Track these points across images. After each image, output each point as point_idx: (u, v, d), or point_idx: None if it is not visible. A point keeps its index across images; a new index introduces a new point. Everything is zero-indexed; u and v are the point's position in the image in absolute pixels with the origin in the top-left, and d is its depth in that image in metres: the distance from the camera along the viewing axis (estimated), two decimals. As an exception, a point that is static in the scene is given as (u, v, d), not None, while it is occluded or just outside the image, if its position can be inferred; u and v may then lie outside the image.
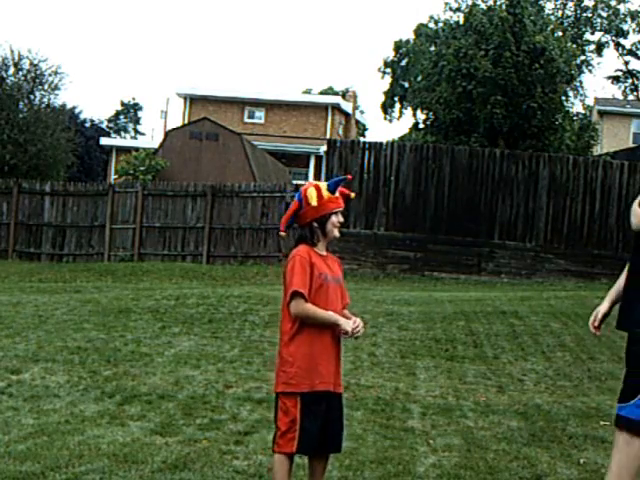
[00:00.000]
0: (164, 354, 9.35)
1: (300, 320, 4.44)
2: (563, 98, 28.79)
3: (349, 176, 4.81)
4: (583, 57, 44.68)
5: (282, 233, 4.68)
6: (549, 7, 44.29)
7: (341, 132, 41.44)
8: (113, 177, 35.61)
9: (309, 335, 4.45)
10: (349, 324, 4.45)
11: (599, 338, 11.17)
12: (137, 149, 32.39)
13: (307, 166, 37.93)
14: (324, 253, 4.59)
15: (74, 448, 5.65)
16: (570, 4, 47.76)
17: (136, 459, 5.45)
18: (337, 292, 4.58)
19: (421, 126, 33.40)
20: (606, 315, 4.74)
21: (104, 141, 41.40)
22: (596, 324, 4.73)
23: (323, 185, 4.63)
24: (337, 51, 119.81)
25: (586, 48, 46.89)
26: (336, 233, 4.60)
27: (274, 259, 21.65)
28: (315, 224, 4.55)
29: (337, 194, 4.62)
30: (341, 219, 4.61)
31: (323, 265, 4.52)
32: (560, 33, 32.79)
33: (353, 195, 4.91)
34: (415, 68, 46.55)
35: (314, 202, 4.51)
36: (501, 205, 20.53)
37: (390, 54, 56.23)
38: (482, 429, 6.65)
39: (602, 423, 6.93)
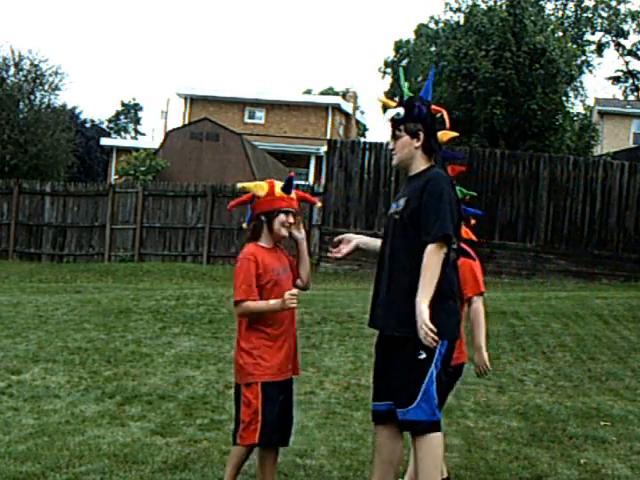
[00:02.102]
0: (164, 354, 9.35)
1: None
2: (563, 98, 28.79)
3: (291, 173, 4.91)
4: (583, 57, 44.66)
5: (229, 207, 5.03)
6: (549, 7, 44.31)
7: (341, 132, 41.43)
8: (113, 177, 35.62)
9: (265, 326, 4.57)
10: (286, 297, 4.51)
11: (600, 339, 11.19)
12: (137, 149, 32.38)
13: (307, 166, 37.93)
14: (271, 246, 4.68)
15: (74, 448, 5.66)
16: (570, 4, 47.75)
17: (136, 459, 5.45)
18: (289, 281, 4.71)
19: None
20: None
21: (104, 141, 41.37)
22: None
23: (279, 183, 4.73)
24: (337, 51, 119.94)
25: (586, 48, 46.86)
26: (284, 232, 4.67)
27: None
28: (263, 217, 4.66)
29: (293, 195, 4.73)
30: (291, 220, 4.68)
31: (273, 260, 4.64)
32: (560, 33, 32.80)
33: (319, 204, 5.08)
34: (415, 68, 46.60)
35: (261, 193, 4.64)
36: (501, 205, 20.54)
37: (390, 54, 56.27)
38: (482, 429, 6.65)
39: (602, 423, 6.93)
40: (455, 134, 4.72)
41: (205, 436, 6.08)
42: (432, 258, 4.18)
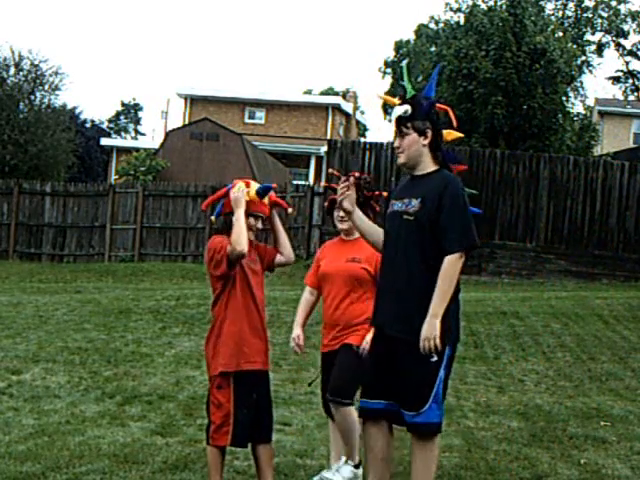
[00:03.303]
0: (164, 354, 9.35)
1: (226, 299, 4.68)
2: (564, 99, 28.78)
3: (274, 185, 4.94)
4: (583, 58, 44.65)
5: (203, 209, 5.12)
6: (549, 7, 44.24)
7: (341, 132, 41.42)
8: (114, 177, 35.60)
9: (237, 316, 4.63)
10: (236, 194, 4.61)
11: (600, 339, 11.19)
12: (137, 149, 32.39)
13: (308, 167, 37.92)
14: None
15: (75, 448, 5.66)
16: (570, 4, 47.71)
17: (137, 459, 5.45)
18: (256, 273, 4.77)
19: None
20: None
21: (104, 141, 41.36)
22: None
23: (254, 186, 4.74)
24: (337, 51, 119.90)
25: (586, 48, 46.84)
26: (250, 236, 4.72)
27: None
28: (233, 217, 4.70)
29: (265, 201, 4.75)
30: (260, 225, 4.73)
31: None
32: (560, 34, 32.77)
33: (291, 210, 5.11)
34: (416, 68, 46.54)
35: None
36: (502, 205, 20.52)
37: (391, 54, 56.17)
38: (482, 429, 6.65)
39: (603, 423, 6.93)
40: (460, 135, 4.65)
41: (205, 436, 6.08)
42: (453, 268, 4.13)
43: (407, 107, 4.33)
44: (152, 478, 5.14)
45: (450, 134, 4.51)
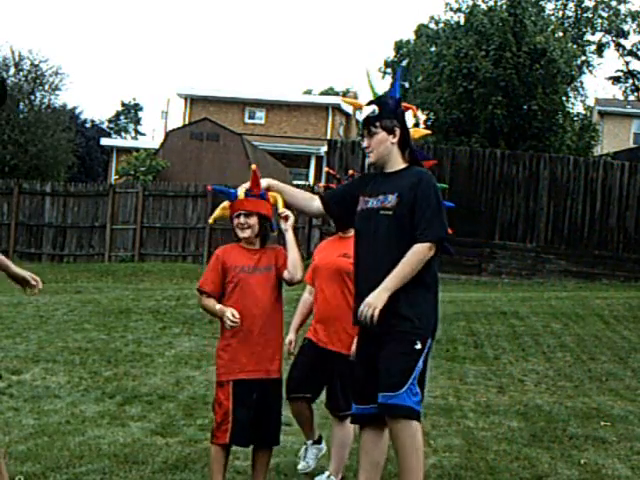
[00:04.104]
0: (165, 354, 9.35)
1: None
2: (564, 99, 28.81)
3: (209, 187, 5.05)
4: (583, 58, 44.67)
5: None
6: (550, 8, 44.27)
7: (342, 132, 41.42)
8: (114, 177, 35.60)
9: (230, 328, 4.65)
10: (227, 314, 4.59)
11: (600, 339, 11.20)
12: (138, 149, 32.38)
13: (308, 167, 37.92)
14: (254, 247, 4.78)
15: (75, 448, 5.66)
16: (570, 4, 47.74)
17: (137, 459, 5.45)
18: (261, 281, 4.71)
19: (421, 126, 33.33)
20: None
21: (105, 141, 41.36)
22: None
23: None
24: (337, 51, 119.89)
25: (586, 49, 46.87)
26: (240, 234, 4.81)
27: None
28: (231, 223, 4.86)
29: (240, 196, 4.80)
30: (242, 220, 4.77)
31: (243, 258, 4.74)
32: (561, 34, 32.79)
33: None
34: (416, 68, 46.55)
35: (228, 211, 4.90)
36: (502, 206, 20.54)
37: (391, 54, 56.18)
38: (482, 429, 6.65)
39: (603, 424, 6.93)
40: (428, 132, 4.72)
41: (205, 436, 6.07)
42: (418, 256, 4.17)
43: (375, 107, 4.41)
44: (152, 478, 5.14)
45: (417, 132, 4.63)
